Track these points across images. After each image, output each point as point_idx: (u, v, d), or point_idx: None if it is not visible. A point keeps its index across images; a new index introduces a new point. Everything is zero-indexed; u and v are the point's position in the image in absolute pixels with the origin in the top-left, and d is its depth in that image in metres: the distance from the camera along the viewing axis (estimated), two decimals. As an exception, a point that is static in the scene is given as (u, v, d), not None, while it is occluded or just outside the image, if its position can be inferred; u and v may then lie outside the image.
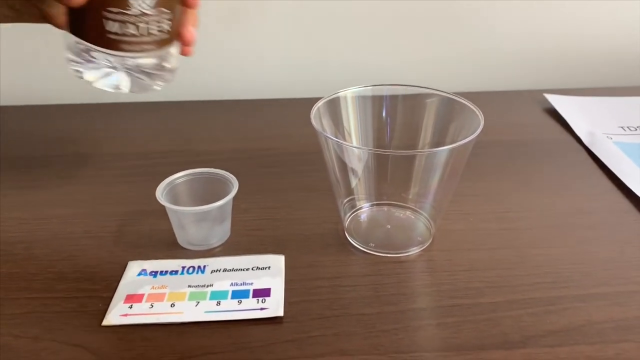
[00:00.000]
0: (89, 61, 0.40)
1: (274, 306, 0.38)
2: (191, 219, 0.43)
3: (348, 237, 0.45)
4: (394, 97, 0.47)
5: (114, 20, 0.37)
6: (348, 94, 0.45)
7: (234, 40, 0.73)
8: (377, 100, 0.47)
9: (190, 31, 0.41)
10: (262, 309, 0.38)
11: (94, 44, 0.38)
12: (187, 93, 0.72)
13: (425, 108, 0.45)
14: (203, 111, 0.69)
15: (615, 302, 0.38)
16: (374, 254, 0.43)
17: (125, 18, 0.37)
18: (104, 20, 0.37)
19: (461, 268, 0.42)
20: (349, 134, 0.46)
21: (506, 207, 0.49)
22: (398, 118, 0.47)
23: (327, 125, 0.43)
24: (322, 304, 0.38)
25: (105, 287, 0.40)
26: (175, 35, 0.41)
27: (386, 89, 0.46)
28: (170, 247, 0.44)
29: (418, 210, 0.45)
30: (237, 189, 0.43)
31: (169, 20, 0.40)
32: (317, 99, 0.43)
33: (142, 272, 0.41)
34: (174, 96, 0.70)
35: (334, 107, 0.44)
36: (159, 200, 0.42)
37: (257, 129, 0.64)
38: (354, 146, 0.44)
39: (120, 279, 0.41)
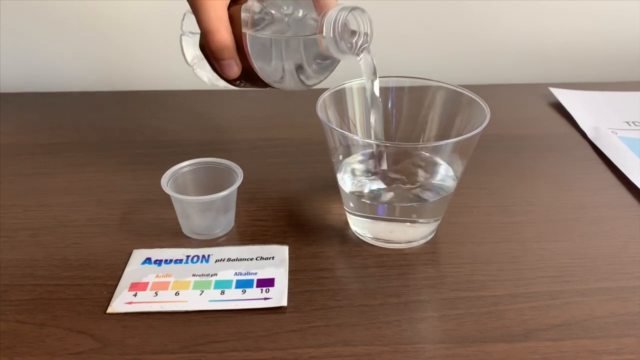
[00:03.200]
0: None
1: (278, 296, 0.38)
2: (196, 209, 0.43)
3: (352, 228, 0.45)
4: (400, 89, 0.47)
5: (242, 82, 0.44)
6: (354, 85, 0.45)
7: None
8: (383, 92, 0.46)
9: None
10: (265, 298, 0.38)
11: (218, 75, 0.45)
12: (192, 83, 0.72)
13: (431, 100, 0.45)
14: (208, 101, 0.69)
15: (617, 296, 0.38)
16: (378, 246, 0.43)
17: (252, 86, 0.45)
18: (237, 80, 0.44)
19: (464, 261, 0.42)
20: (354, 125, 0.46)
21: (510, 200, 0.49)
22: (404, 110, 0.47)
23: (332, 117, 0.43)
24: (326, 294, 0.39)
25: (109, 275, 0.40)
26: None
27: (392, 80, 0.46)
28: (174, 236, 0.44)
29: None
30: (242, 178, 0.43)
31: None
32: (322, 90, 0.43)
33: (147, 261, 0.41)
34: (179, 86, 0.70)
35: (339, 98, 0.44)
36: (164, 189, 0.42)
37: (262, 119, 0.64)
38: (359, 138, 0.44)
39: (125, 267, 0.41)
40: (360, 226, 0.44)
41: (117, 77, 0.75)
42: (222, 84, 0.47)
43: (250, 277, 0.40)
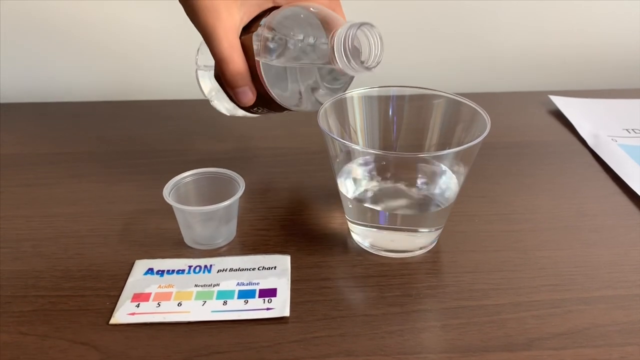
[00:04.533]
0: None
1: (280, 306, 0.38)
2: (198, 219, 0.43)
3: (354, 237, 0.45)
4: (400, 98, 0.47)
5: (259, 109, 0.46)
6: (355, 94, 0.45)
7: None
8: (384, 101, 0.47)
9: None
10: (268, 309, 0.38)
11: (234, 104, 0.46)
12: (192, 93, 0.72)
13: (431, 109, 0.46)
14: (209, 110, 0.69)
15: (619, 305, 0.38)
16: (380, 255, 0.43)
17: (269, 112, 0.47)
18: (253, 107, 0.45)
19: (466, 270, 0.42)
20: (355, 133, 0.46)
21: (511, 208, 0.49)
22: (405, 118, 0.47)
23: (333, 125, 0.44)
24: (328, 304, 0.39)
25: (112, 286, 0.40)
26: None
27: (393, 90, 0.47)
28: (176, 246, 0.44)
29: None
30: (243, 188, 0.43)
31: None
32: (322, 100, 0.44)
33: (149, 271, 0.41)
34: (179, 96, 0.70)
35: (340, 107, 0.45)
36: (166, 200, 0.42)
37: (262, 129, 0.64)
38: (360, 148, 0.44)
39: (127, 277, 0.41)
40: (361, 235, 0.44)
41: (117, 87, 0.75)
42: (241, 113, 0.48)
43: (252, 287, 0.40)
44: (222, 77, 0.42)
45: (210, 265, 0.42)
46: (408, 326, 0.37)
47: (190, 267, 0.42)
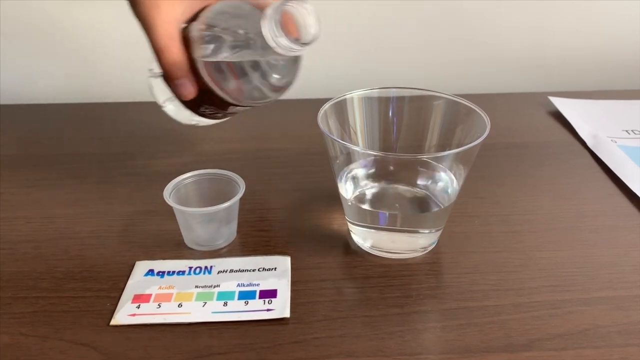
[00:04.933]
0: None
1: (280, 307, 0.38)
2: (198, 220, 0.43)
3: (354, 238, 0.45)
4: (400, 99, 0.47)
5: (207, 109, 0.45)
6: (355, 95, 0.45)
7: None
8: (384, 102, 0.47)
9: None
10: (268, 310, 0.38)
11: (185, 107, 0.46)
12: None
13: (431, 110, 0.46)
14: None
15: (619, 306, 0.38)
16: (380, 256, 0.43)
17: (219, 112, 0.46)
18: (202, 107, 0.45)
19: (466, 270, 0.42)
20: (355, 135, 0.46)
21: (511, 209, 0.49)
22: (405, 119, 0.47)
23: (333, 127, 0.44)
24: (328, 305, 0.39)
25: (112, 287, 0.40)
26: None
27: (393, 91, 0.47)
28: (177, 247, 0.44)
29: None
30: (244, 190, 0.43)
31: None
32: (322, 100, 0.44)
33: (150, 272, 0.41)
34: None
35: (340, 108, 0.45)
36: (167, 201, 0.42)
37: (263, 130, 0.64)
38: (360, 149, 0.44)
39: (128, 278, 0.41)
40: (361, 236, 0.44)
41: (117, 88, 0.75)
42: (197, 119, 0.48)
43: (252, 288, 0.40)
44: (161, 68, 0.42)
45: (211, 267, 0.42)
46: (408, 327, 0.37)
47: (190, 268, 0.42)
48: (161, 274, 0.41)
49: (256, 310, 0.38)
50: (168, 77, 0.42)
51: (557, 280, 0.41)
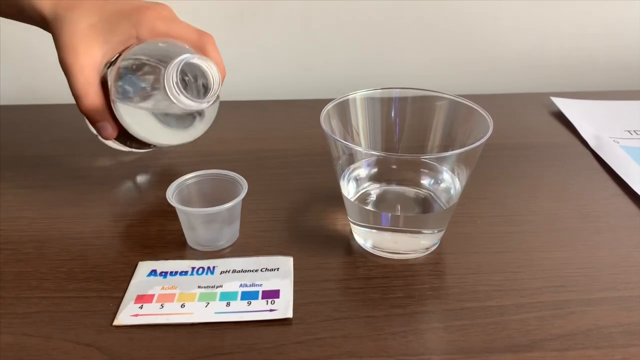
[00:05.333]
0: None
1: (283, 308, 0.38)
2: (201, 220, 0.43)
3: (356, 239, 0.45)
4: (403, 99, 0.47)
5: (133, 145, 0.48)
6: (357, 96, 0.45)
7: (241, 41, 0.73)
8: (386, 102, 0.47)
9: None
10: (271, 310, 0.38)
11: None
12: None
13: (434, 111, 0.46)
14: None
15: (622, 306, 0.38)
16: (382, 256, 0.43)
17: (144, 148, 0.49)
18: (127, 143, 0.48)
19: (469, 271, 0.42)
20: (358, 134, 0.46)
21: (513, 210, 0.49)
22: (407, 120, 0.47)
23: (335, 127, 0.44)
24: (331, 305, 0.39)
25: (115, 287, 0.40)
26: None
27: (395, 91, 0.47)
28: (179, 247, 0.44)
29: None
30: (246, 190, 0.44)
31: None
32: (324, 100, 0.44)
33: (152, 273, 0.41)
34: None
35: (343, 109, 0.45)
36: (169, 201, 0.42)
37: (265, 130, 0.64)
38: (363, 149, 0.44)
39: (130, 279, 0.41)
40: (364, 237, 0.44)
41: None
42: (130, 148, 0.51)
43: (255, 288, 0.40)
44: (81, 112, 0.44)
45: (214, 267, 0.42)
46: (411, 327, 0.37)
47: (193, 268, 0.42)
48: (164, 274, 0.41)
49: (259, 311, 0.38)
50: (89, 121, 0.44)
51: (559, 281, 0.41)
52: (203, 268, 0.42)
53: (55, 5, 0.43)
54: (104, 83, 0.44)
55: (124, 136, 0.46)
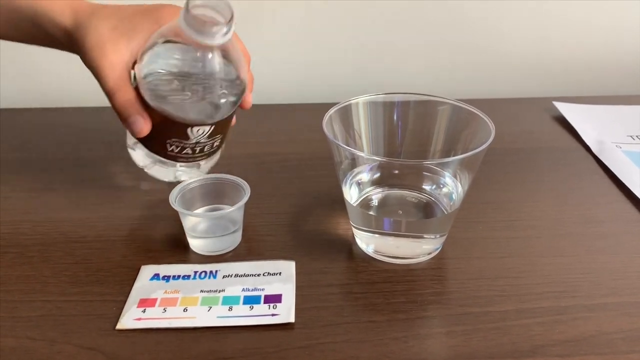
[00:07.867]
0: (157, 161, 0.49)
1: (285, 312, 0.38)
2: (204, 224, 0.44)
3: (359, 244, 0.45)
4: (405, 104, 0.47)
5: (173, 145, 0.45)
6: (360, 101, 0.45)
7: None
8: (389, 107, 0.47)
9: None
10: (273, 314, 0.38)
11: (157, 155, 0.47)
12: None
13: (436, 116, 0.46)
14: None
15: (624, 312, 0.38)
16: (384, 261, 0.43)
17: (184, 144, 0.45)
18: (167, 144, 0.45)
19: (471, 276, 0.42)
20: (360, 140, 0.46)
21: (515, 215, 0.49)
22: (409, 125, 0.47)
23: (338, 132, 0.44)
24: (333, 310, 0.39)
25: (118, 291, 0.41)
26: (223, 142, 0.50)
27: (398, 96, 0.47)
28: (182, 251, 0.45)
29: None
30: (249, 195, 0.44)
31: (221, 138, 0.47)
32: (326, 105, 0.44)
33: (155, 277, 0.42)
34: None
35: (345, 113, 0.45)
36: (172, 205, 0.43)
37: (267, 134, 0.65)
38: (365, 155, 0.44)
39: (133, 283, 0.41)
40: (366, 241, 0.44)
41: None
42: (179, 173, 0.50)
43: (257, 293, 0.40)
44: (114, 109, 0.44)
45: (216, 271, 0.42)
46: (413, 332, 0.37)
47: (195, 272, 0.42)
48: (167, 278, 0.41)
49: (261, 315, 0.38)
50: (121, 118, 0.44)
51: (561, 286, 0.41)
52: (205, 272, 0.42)
53: (75, 15, 0.44)
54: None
55: (161, 136, 0.45)
